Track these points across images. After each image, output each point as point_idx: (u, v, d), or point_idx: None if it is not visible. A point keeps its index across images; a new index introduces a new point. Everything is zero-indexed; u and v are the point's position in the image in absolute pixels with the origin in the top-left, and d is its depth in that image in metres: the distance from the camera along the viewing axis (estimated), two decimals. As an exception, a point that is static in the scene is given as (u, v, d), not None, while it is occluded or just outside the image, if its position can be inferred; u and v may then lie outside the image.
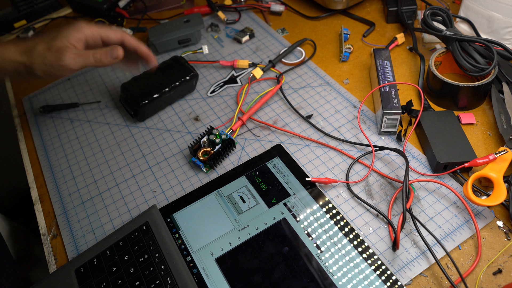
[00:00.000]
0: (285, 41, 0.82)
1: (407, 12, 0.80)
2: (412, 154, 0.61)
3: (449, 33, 0.64)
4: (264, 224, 0.54)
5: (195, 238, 0.54)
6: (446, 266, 0.50)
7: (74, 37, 0.57)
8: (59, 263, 0.57)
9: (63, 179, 0.65)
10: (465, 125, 0.63)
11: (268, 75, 0.75)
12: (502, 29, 0.69)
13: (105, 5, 0.90)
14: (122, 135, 0.70)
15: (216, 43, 0.83)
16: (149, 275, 0.51)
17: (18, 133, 0.74)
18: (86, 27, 0.58)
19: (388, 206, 0.55)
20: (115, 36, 0.60)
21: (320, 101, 0.70)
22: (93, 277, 0.52)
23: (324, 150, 0.63)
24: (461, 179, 0.57)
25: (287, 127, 0.67)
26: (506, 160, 0.54)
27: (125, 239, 0.55)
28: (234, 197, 0.57)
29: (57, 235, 0.59)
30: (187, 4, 0.95)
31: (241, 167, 0.61)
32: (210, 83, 0.76)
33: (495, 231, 0.52)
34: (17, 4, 0.92)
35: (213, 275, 0.51)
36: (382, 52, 0.69)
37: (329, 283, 0.48)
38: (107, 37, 0.60)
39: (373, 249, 0.51)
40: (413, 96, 0.69)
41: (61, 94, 0.78)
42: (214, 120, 0.70)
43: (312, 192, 0.57)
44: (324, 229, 0.53)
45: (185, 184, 0.62)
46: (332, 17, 0.86)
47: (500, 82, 0.64)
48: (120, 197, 0.62)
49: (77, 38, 0.57)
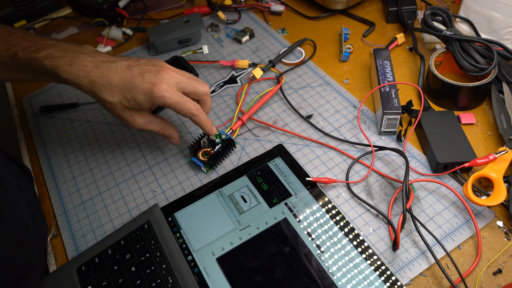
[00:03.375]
0: (285, 41, 0.82)
1: (407, 12, 0.80)
2: (412, 154, 0.61)
3: (449, 33, 0.64)
4: (265, 224, 0.54)
5: (196, 237, 0.54)
6: (446, 266, 0.50)
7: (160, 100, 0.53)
8: (59, 263, 0.57)
9: (63, 179, 0.65)
10: (465, 125, 0.63)
11: (268, 75, 0.76)
12: (502, 29, 0.69)
13: (105, 5, 0.90)
14: (122, 135, 0.70)
15: (216, 43, 0.84)
16: (150, 274, 0.51)
17: (18, 133, 0.74)
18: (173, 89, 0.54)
19: (388, 206, 0.55)
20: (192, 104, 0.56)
21: (320, 101, 0.70)
22: (95, 275, 0.52)
23: (324, 150, 0.63)
24: (461, 179, 0.57)
25: (287, 127, 0.67)
26: (506, 160, 0.54)
27: (126, 238, 0.55)
28: (235, 197, 0.58)
29: (57, 235, 0.59)
30: (187, 4, 0.95)
31: (243, 167, 0.61)
32: (210, 83, 0.76)
33: (495, 231, 0.52)
34: (17, 4, 0.92)
35: (214, 275, 0.51)
36: (382, 52, 0.69)
37: (329, 283, 0.48)
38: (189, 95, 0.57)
39: (373, 249, 0.51)
40: (413, 96, 0.69)
41: (61, 94, 0.78)
42: (214, 120, 0.70)
43: (313, 192, 0.57)
44: (325, 229, 0.53)
45: (185, 184, 0.62)
46: (332, 17, 0.86)
47: (500, 82, 0.64)
48: (120, 197, 0.62)
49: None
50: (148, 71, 0.53)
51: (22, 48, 0.54)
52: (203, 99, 0.58)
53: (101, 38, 0.89)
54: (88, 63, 0.53)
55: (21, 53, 0.54)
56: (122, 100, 0.53)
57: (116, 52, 0.85)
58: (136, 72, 0.53)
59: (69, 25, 0.94)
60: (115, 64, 0.54)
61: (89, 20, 0.93)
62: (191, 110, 0.55)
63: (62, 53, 0.54)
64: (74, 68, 0.53)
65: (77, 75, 0.53)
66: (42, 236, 0.56)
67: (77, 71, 0.53)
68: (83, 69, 0.53)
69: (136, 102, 0.53)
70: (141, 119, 0.56)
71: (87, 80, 0.53)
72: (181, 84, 0.55)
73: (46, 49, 0.54)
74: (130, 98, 0.53)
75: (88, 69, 0.53)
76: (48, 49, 0.54)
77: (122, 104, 0.54)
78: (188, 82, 0.56)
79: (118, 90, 0.53)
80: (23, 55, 0.54)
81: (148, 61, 0.56)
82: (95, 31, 0.91)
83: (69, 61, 0.53)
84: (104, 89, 0.53)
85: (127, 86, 0.53)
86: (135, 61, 0.55)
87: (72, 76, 0.53)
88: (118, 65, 0.54)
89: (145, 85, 0.52)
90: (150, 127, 0.58)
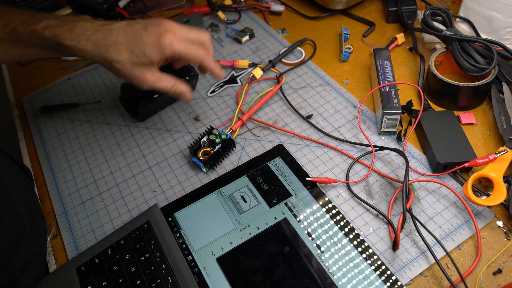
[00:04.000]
0: (285, 41, 0.82)
1: (407, 12, 0.80)
2: (412, 154, 0.61)
3: (449, 33, 0.64)
4: (265, 224, 0.54)
5: (196, 237, 0.54)
6: (446, 266, 0.50)
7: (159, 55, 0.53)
8: (59, 263, 0.57)
9: (63, 179, 0.65)
10: (465, 125, 0.63)
11: (268, 75, 0.76)
12: (502, 29, 0.69)
13: (105, 5, 0.89)
14: (122, 135, 0.70)
15: (216, 43, 0.83)
16: (150, 274, 0.51)
17: (18, 133, 0.74)
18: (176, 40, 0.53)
19: (388, 206, 0.55)
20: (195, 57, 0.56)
21: (320, 101, 0.70)
22: (95, 275, 0.52)
23: (324, 150, 0.63)
24: (461, 179, 0.57)
25: (287, 127, 0.67)
26: (506, 160, 0.54)
27: (126, 238, 0.55)
28: (235, 197, 0.58)
29: (57, 235, 0.59)
30: (187, 4, 0.95)
31: (243, 167, 0.61)
32: (210, 83, 0.76)
33: (495, 231, 0.52)
34: (17, 4, 0.92)
35: (214, 275, 0.51)
36: (382, 52, 0.69)
37: (329, 283, 0.48)
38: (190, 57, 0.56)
39: (373, 249, 0.51)
40: (413, 96, 0.69)
41: (61, 94, 0.78)
42: (214, 120, 0.70)
43: (313, 192, 0.57)
44: (325, 229, 0.53)
45: (185, 184, 0.62)
46: (332, 17, 0.86)
47: (500, 82, 0.64)
48: (120, 197, 0.62)
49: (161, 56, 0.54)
50: (150, 25, 0.53)
51: (20, 22, 0.54)
52: (206, 45, 0.58)
53: (101, 38, 0.89)
54: (88, 27, 0.53)
55: (20, 27, 0.54)
56: (130, 56, 0.52)
57: (116, 52, 0.85)
58: (138, 27, 0.53)
59: (69, 25, 0.94)
60: (115, 25, 0.53)
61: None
62: (201, 54, 0.55)
63: (61, 22, 0.53)
64: (75, 33, 0.52)
65: (80, 40, 0.52)
66: (40, 236, 0.56)
67: (78, 36, 0.52)
68: (84, 33, 0.52)
69: (145, 55, 0.52)
70: (151, 75, 0.55)
71: (91, 43, 0.52)
72: (184, 32, 0.55)
73: (45, 20, 0.53)
74: (139, 52, 0.52)
75: (89, 33, 0.52)
76: (47, 20, 0.53)
77: (130, 61, 0.53)
78: (191, 30, 0.56)
79: (124, 47, 0.52)
80: (22, 29, 0.53)
81: (146, 19, 0.56)
82: (95, 31, 0.91)
83: (69, 28, 0.52)
84: (110, 48, 0.52)
85: (133, 41, 0.52)
86: (134, 21, 0.55)
87: (74, 42, 0.52)
88: (119, 25, 0.53)
89: (151, 37, 0.52)
90: (161, 84, 0.56)
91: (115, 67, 0.53)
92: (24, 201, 0.54)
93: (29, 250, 0.52)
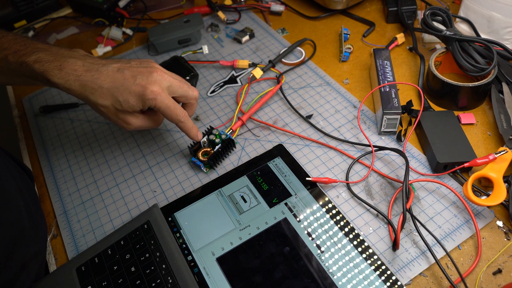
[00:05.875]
0: (285, 41, 0.82)
1: (407, 12, 0.80)
2: (412, 154, 0.61)
3: (449, 33, 0.64)
4: (265, 224, 0.54)
5: (196, 237, 0.54)
6: (446, 266, 0.50)
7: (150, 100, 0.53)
8: (59, 263, 0.57)
9: (63, 179, 0.65)
10: (465, 125, 0.63)
11: (268, 75, 0.76)
12: (502, 29, 0.69)
13: (105, 5, 0.90)
14: (122, 135, 0.70)
15: (216, 43, 0.84)
16: (150, 274, 0.51)
17: (18, 133, 0.74)
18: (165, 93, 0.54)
19: (388, 206, 0.55)
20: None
21: (320, 101, 0.70)
22: (95, 275, 0.52)
23: (324, 150, 0.63)
24: (461, 179, 0.57)
25: (287, 127, 0.67)
26: (506, 160, 0.54)
27: (126, 238, 0.55)
28: (235, 197, 0.58)
29: (57, 235, 0.59)
30: (187, 4, 0.95)
31: (243, 167, 0.61)
32: (210, 83, 0.76)
33: (495, 231, 0.52)
34: (17, 4, 0.92)
35: (214, 275, 0.51)
36: (382, 52, 0.69)
37: (329, 283, 0.48)
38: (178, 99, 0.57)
39: (373, 249, 0.51)
40: (413, 96, 0.69)
41: (61, 94, 0.78)
42: (214, 120, 0.70)
43: (313, 192, 0.57)
44: (325, 229, 0.53)
45: (185, 184, 0.62)
46: (332, 17, 0.86)
47: (500, 82, 0.64)
48: (120, 197, 0.62)
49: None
50: (140, 74, 0.53)
51: (12, 52, 0.54)
52: (191, 102, 0.59)
53: (101, 38, 0.89)
54: (79, 66, 0.53)
55: (11, 57, 0.54)
56: (114, 103, 0.53)
57: (116, 52, 0.86)
58: (127, 74, 0.53)
59: (69, 25, 0.94)
60: (105, 67, 0.53)
61: (89, 20, 0.93)
62: (179, 117, 0.56)
63: (52, 57, 0.53)
64: (64, 72, 0.52)
65: (67, 79, 0.52)
66: (40, 236, 0.56)
67: (67, 75, 0.52)
68: (73, 73, 0.52)
69: (128, 104, 0.53)
70: (135, 120, 0.56)
71: (78, 84, 0.52)
72: (172, 87, 0.55)
73: (36, 53, 0.53)
74: (122, 100, 0.53)
75: (78, 73, 0.52)
76: (38, 53, 0.53)
77: (114, 107, 0.53)
78: (179, 86, 0.56)
79: (109, 93, 0.53)
80: (13, 59, 0.54)
81: (140, 62, 0.55)
82: (95, 31, 0.91)
83: (59, 65, 0.52)
84: (95, 92, 0.52)
85: (119, 88, 0.52)
86: (126, 63, 0.54)
87: (62, 81, 0.52)
88: (109, 68, 0.53)
89: (137, 87, 0.52)
90: (146, 125, 0.57)
91: (100, 110, 0.54)
92: (24, 200, 0.54)
93: (28, 249, 0.52)
